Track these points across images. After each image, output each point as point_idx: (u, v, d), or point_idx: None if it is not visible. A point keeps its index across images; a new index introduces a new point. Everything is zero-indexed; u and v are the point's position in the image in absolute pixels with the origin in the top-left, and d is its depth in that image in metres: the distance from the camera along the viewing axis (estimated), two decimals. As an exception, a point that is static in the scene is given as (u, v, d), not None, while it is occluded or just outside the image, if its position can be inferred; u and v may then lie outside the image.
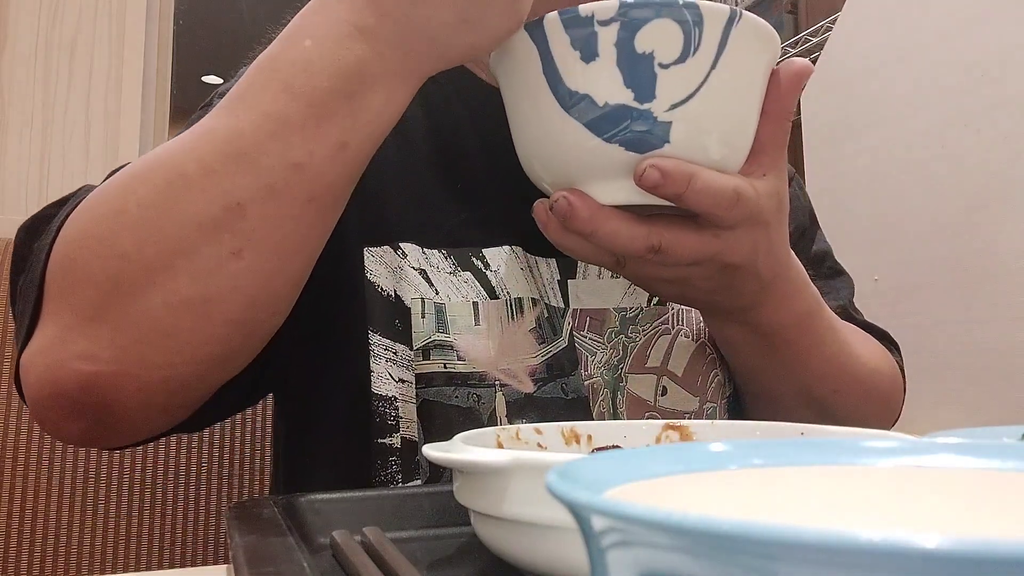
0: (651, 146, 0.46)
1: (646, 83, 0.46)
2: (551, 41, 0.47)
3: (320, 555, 0.40)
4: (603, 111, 0.46)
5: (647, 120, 0.46)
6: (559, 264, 0.65)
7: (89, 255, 0.45)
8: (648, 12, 0.45)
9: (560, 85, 0.47)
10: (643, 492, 0.19)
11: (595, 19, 0.46)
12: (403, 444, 0.59)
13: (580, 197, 0.48)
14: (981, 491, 0.21)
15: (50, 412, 0.48)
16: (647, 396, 0.65)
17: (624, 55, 0.46)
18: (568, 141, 0.47)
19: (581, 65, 0.46)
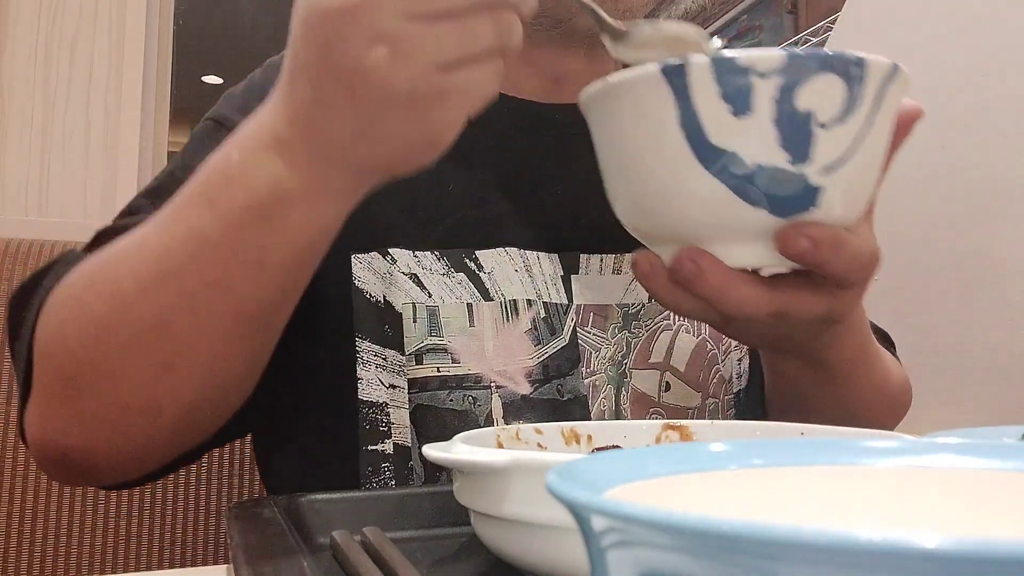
0: (798, 210, 0.43)
1: (802, 144, 0.41)
2: (695, 89, 0.41)
3: (320, 555, 0.40)
4: (751, 172, 0.41)
5: (799, 184, 0.42)
6: (561, 260, 0.65)
7: (54, 350, 0.50)
8: (814, 66, 0.41)
9: (701, 139, 0.42)
10: (643, 492, 0.19)
11: (754, 70, 0.40)
12: (395, 450, 0.59)
13: (710, 261, 0.44)
14: (981, 491, 0.21)
15: (45, 465, 0.55)
16: (651, 392, 0.65)
17: (783, 112, 0.41)
18: (702, 200, 0.43)
19: (730, 120, 0.41)
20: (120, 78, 1.52)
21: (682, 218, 0.44)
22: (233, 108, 0.64)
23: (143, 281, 0.46)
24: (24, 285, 0.55)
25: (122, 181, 1.50)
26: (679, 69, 0.41)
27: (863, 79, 0.42)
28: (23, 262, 0.87)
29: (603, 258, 0.66)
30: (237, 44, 4.75)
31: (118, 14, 1.53)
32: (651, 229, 0.47)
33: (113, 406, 0.49)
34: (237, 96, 0.65)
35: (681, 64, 0.41)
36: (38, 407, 0.52)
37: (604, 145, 0.47)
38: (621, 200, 0.48)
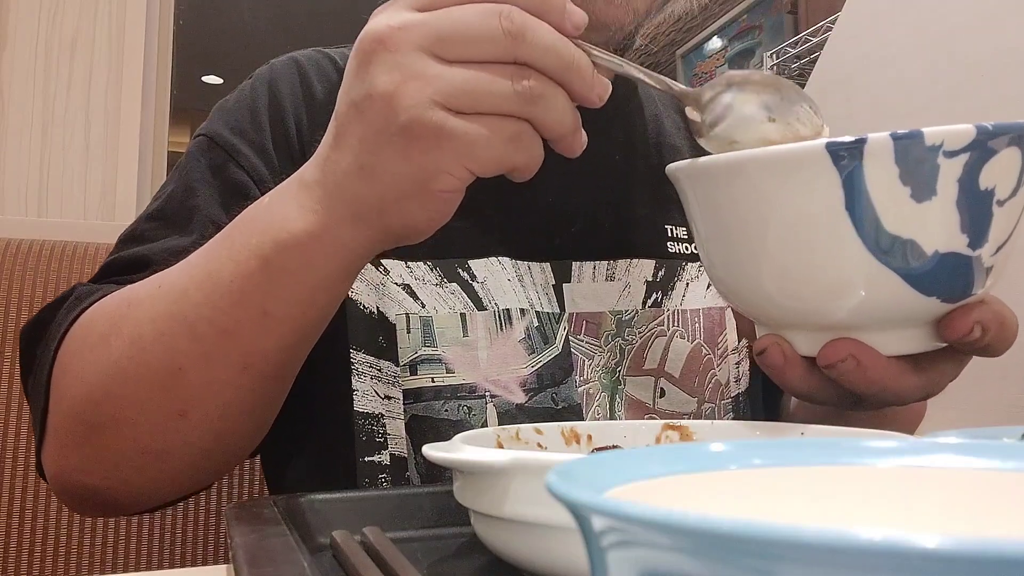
0: (967, 294, 0.40)
1: (982, 225, 0.38)
2: (870, 172, 0.36)
3: (320, 555, 0.40)
4: (929, 261, 0.38)
5: (974, 268, 0.39)
6: (553, 268, 0.64)
7: (73, 392, 0.50)
8: (1004, 139, 0.37)
9: (873, 226, 0.37)
10: (643, 492, 0.19)
11: (942, 149, 0.36)
12: (392, 461, 0.59)
13: (870, 355, 0.41)
14: (981, 491, 0.21)
15: (65, 497, 0.56)
16: (645, 398, 0.65)
17: (966, 193, 0.37)
18: (867, 289, 0.39)
19: (910, 205, 0.37)
20: (120, 78, 1.52)
21: (838, 306, 0.40)
22: (224, 124, 0.63)
23: (160, 325, 0.47)
24: (35, 321, 0.55)
25: (122, 181, 1.50)
26: (852, 149, 0.36)
27: None
28: (23, 262, 0.87)
29: (596, 265, 0.65)
30: (237, 44, 4.75)
31: (118, 14, 1.53)
32: (787, 317, 0.43)
33: (130, 449, 0.50)
34: (228, 111, 0.65)
35: (855, 142, 0.36)
36: (57, 446, 0.52)
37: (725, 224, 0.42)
38: (744, 284, 0.43)
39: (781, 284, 0.41)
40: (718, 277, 0.46)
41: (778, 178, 0.39)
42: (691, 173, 0.43)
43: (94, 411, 0.49)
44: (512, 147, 0.40)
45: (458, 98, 0.38)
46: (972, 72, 1.18)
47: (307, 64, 0.67)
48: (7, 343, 0.84)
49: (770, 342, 0.44)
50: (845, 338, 0.41)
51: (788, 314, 0.43)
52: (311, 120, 0.64)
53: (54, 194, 1.45)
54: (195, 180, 0.61)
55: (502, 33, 0.38)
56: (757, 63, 3.03)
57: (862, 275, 0.39)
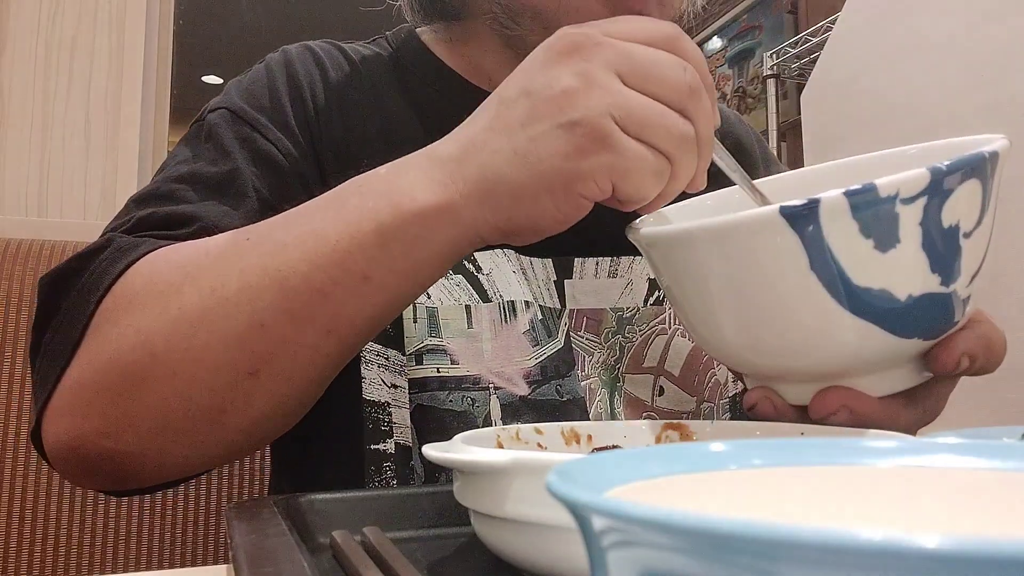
0: (948, 328, 0.40)
1: (952, 261, 0.38)
2: (828, 230, 0.36)
3: (320, 555, 0.40)
4: (903, 305, 0.38)
5: (950, 303, 0.39)
6: (555, 264, 0.65)
7: (123, 344, 0.47)
8: (958, 176, 0.37)
9: (842, 282, 0.37)
10: (643, 492, 0.19)
11: (898, 198, 0.36)
12: (397, 449, 0.59)
13: (863, 402, 0.42)
14: (981, 491, 0.21)
15: (69, 467, 0.51)
16: (644, 396, 0.65)
17: (930, 235, 0.37)
18: (846, 342, 0.39)
19: (876, 256, 0.37)
20: (120, 78, 1.52)
21: (820, 361, 0.40)
22: (244, 100, 0.63)
23: (248, 277, 0.46)
24: (61, 271, 0.52)
25: (122, 181, 1.50)
26: (807, 212, 0.36)
27: (993, 172, 0.39)
28: (23, 262, 0.87)
29: (598, 261, 0.66)
30: (237, 44, 4.75)
31: (118, 14, 1.53)
32: (772, 372, 0.43)
33: (181, 409, 0.47)
34: (245, 89, 0.65)
35: (808, 205, 0.36)
36: (78, 405, 0.48)
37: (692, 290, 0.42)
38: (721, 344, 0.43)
39: (760, 344, 0.41)
40: (698, 334, 0.45)
41: (740, 246, 0.39)
42: (644, 240, 0.44)
43: (150, 365, 0.46)
44: (652, 181, 0.42)
45: (632, 119, 0.40)
46: (972, 72, 1.18)
47: (320, 51, 0.69)
48: (7, 343, 0.84)
49: (759, 396, 0.45)
50: (835, 387, 0.42)
51: (772, 370, 0.43)
52: (327, 101, 0.65)
53: (54, 194, 1.45)
54: (228, 146, 0.60)
55: (684, 83, 0.41)
56: (757, 63, 3.03)
57: (839, 330, 0.38)
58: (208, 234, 0.52)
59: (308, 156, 0.62)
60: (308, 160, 0.62)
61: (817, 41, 2.25)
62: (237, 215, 0.55)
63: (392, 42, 0.72)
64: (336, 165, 0.63)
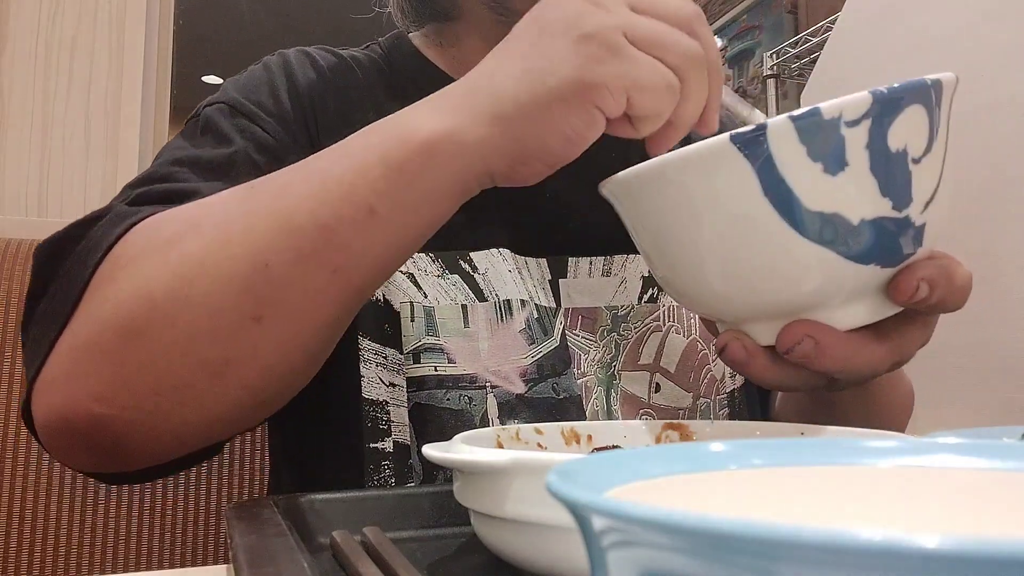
0: (906, 255, 0.41)
1: (902, 186, 0.39)
2: (778, 156, 0.37)
3: (320, 555, 0.40)
4: (857, 230, 0.38)
5: (905, 228, 0.39)
6: (549, 264, 0.65)
7: (121, 297, 0.45)
8: (899, 101, 0.38)
9: (795, 208, 0.38)
10: (643, 492, 0.19)
11: (842, 120, 0.37)
12: (395, 448, 0.59)
13: (826, 332, 0.42)
14: (981, 491, 0.21)
15: (59, 441, 0.48)
16: (641, 394, 0.65)
17: (877, 158, 0.38)
18: (806, 269, 0.40)
19: (825, 179, 0.38)
20: (120, 78, 1.51)
21: (783, 293, 0.41)
22: (241, 95, 0.63)
23: (252, 220, 0.45)
24: (58, 238, 0.51)
25: (122, 181, 1.49)
26: (755, 137, 0.37)
27: (940, 101, 0.39)
28: (23, 262, 0.87)
29: (592, 260, 0.66)
30: (237, 44, 4.75)
31: (118, 14, 1.53)
32: (740, 311, 0.43)
33: (181, 362, 0.45)
34: (243, 86, 0.65)
35: (756, 130, 0.37)
36: (73, 372, 0.46)
37: (661, 231, 0.43)
38: (692, 287, 0.43)
39: (724, 280, 0.42)
40: (666, 281, 0.46)
41: (696, 176, 0.40)
42: (616, 187, 0.44)
43: (148, 316, 0.44)
44: (668, 96, 0.42)
45: (642, 36, 0.41)
46: (972, 72, 1.18)
47: (316, 55, 0.69)
48: (7, 343, 0.84)
49: (729, 338, 0.44)
50: (800, 320, 0.42)
51: (740, 308, 0.43)
52: (324, 102, 0.65)
53: (54, 194, 1.45)
54: (226, 132, 0.60)
55: (690, 9, 0.43)
56: (757, 63, 3.03)
57: (797, 258, 0.39)
58: None
59: (306, 150, 0.62)
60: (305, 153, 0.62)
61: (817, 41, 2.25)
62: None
63: (384, 47, 0.73)
64: None
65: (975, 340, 1.17)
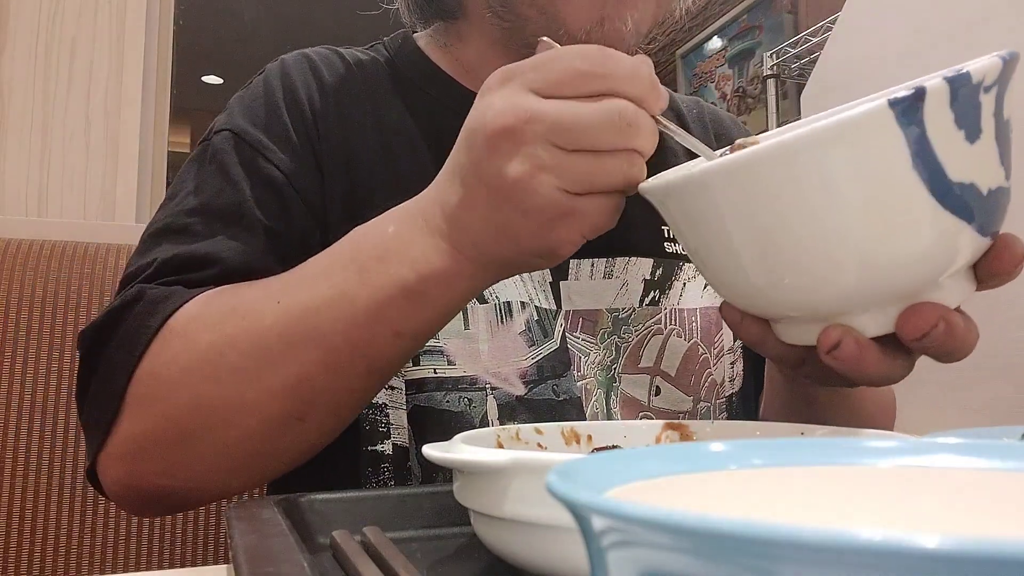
0: (1000, 226, 0.39)
1: (1008, 154, 0.38)
2: (931, 122, 0.35)
3: (320, 555, 0.40)
4: (986, 200, 0.37)
5: (1007, 198, 0.39)
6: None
7: (178, 402, 0.51)
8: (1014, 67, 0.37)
9: (941, 179, 0.36)
10: (643, 492, 0.19)
11: (983, 85, 0.35)
12: (394, 450, 0.59)
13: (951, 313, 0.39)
14: (981, 491, 0.21)
15: (130, 503, 0.56)
16: (641, 396, 0.65)
17: (999, 126, 0.37)
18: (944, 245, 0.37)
19: (966, 148, 0.36)
20: (120, 78, 1.51)
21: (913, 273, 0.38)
22: (245, 119, 0.64)
23: (290, 338, 0.50)
24: (100, 325, 0.55)
25: (122, 181, 1.49)
26: (915, 100, 0.34)
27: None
28: (23, 262, 0.87)
29: (594, 263, 0.66)
30: (237, 44, 4.75)
31: (118, 14, 1.53)
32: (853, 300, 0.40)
33: (236, 452, 0.52)
34: (247, 106, 0.66)
35: (916, 93, 0.34)
36: (133, 451, 0.52)
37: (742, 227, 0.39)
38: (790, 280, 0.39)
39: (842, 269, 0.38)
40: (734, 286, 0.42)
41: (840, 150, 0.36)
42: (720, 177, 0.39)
43: (206, 423, 0.51)
44: (615, 214, 0.46)
45: (580, 185, 0.43)
46: (972, 72, 1.18)
47: (316, 57, 0.70)
48: (7, 343, 0.84)
49: (841, 333, 0.40)
50: (925, 303, 0.39)
51: (854, 298, 0.39)
52: (324, 107, 0.66)
53: (54, 194, 1.45)
54: (234, 175, 0.62)
55: (614, 129, 0.43)
56: (757, 63, 3.03)
57: (935, 232, 0.37)
58: (229, 276, 0.56)
59: (309, 164, 0.63)
60: (309, 169, 0.63)
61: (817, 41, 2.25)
62: (251, 250, 0.58)
63: (388, 47, 0.73)
64: (336, 167, 0.63)
65: (975, 340, 1.17)
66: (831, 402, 0.60)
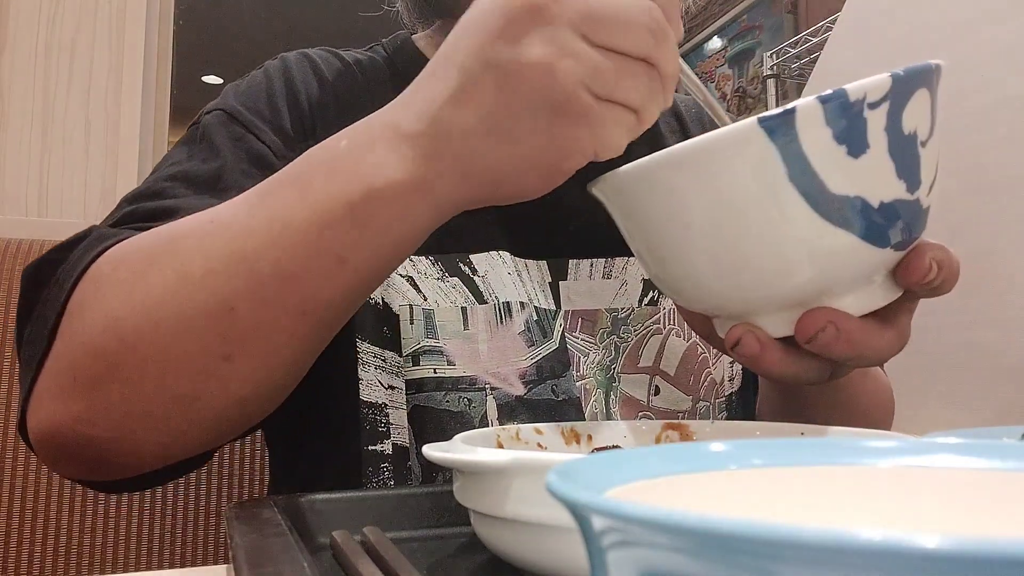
0: (915, 239, 0.41)
1: (913, 168, 0.39)
2: (805, 138, 0.37)
3: (320, 555, 0.40)
4: (877, 213, 0.39)
5: (916, 211, 0.40)
6: (550, 266, 0.65)
7: (94, 330, 0.46)
8: (913, 83, 0.38)
9: (820, 192, 0.38)
10: (643, 492, 0.19)
11: (866, 102, 0.37)
12: (394, 450, 0.59)
13: (846, 319, 0.41)
14: (981, 491, 0.21)
15: (50, 454, 0.50)
16: (640, 396, 0.65)
17: (894, 140, 0.38)
18: (828, 255, 0.39)
19: (848, 162, 0.37)
20: (120, 78, 1.51)
21: (801, 281, 0.40)
22: (239, 102, 0.64)
23: (213, 261, 0.44)
24: (42, 261, 0.52)
25: (122, 181, 1.49)
26: (785, 118, 0.37)
27: (938, 86, 0.40)
28: (23, 262, 0.87)
29: (593, 263, 0.66)
30: (237, 44, 4.75)
31: (118, 14, 1.53)
32: (752, 303, 0.42)
33: (155, 395, 0.46)
34: (242, 93, 0.65)
35: (786, 112, 0.37)
36: (57, 393, 0.48)
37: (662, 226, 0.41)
38: (701, 283, 0.42)
39: (739, 274, 0.41)
40: (666, 282, 0.45)
41: (717, 163, 0.38)
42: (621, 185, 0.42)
43: (119, 352, 0.45)
44: (626, 137, 0.41)
45: (604, 85, 0.39)
46: (972, 72, 1.19)
47: (317, 58, 0.70)
48: (7, 343, 0.84)
49: (743, 331, 0.43)
50: (819, 308, 0.41)
51: (753, 302, 0.42)
52: (324, 106, 0.66)
53: (54, 194, 1.45)
54: (219, 145, 0.60)
55: (648, 31, 0.39)
56: (757, 63, 3.03)
57: (818, 243, 0.39)
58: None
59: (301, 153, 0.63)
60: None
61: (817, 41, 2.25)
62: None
63: (388, 48, 0.73)
64: None
65: (975, 340, 1.17)
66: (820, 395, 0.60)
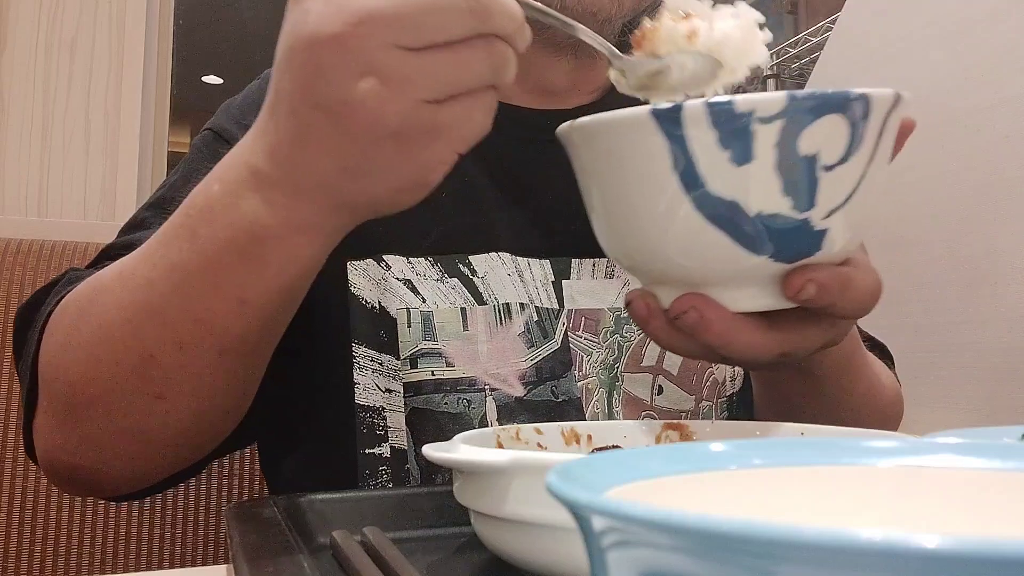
0: (802, 255, 0.41)
1: (806, 189, 0.39)
2: (691, 137, 0.38)
3: (320, 555, 0.40)
4: (752, 221, 0.39)
5: (802, 230, 0.40)
6: (552, 265, 0.65)
7: (53, 374, 0.51)
8: (817, 109, 0.38)
9: (699, 189, 0.39)
10: (643, 492, 0.19)
11: (755, 115, 0.38)
12: (392, 453, 0.59)
13: (714, 310, 0.42)
14: (981, 491, 0.21)
15: (54, 478, 0.56)
16: (643, 395, 0.65)
17: (785, 158, 0.38)
18: (702, 248, 0.41)
19: (730, 168, 0.38)
20: (120, 78, 1.51)
21: (680, 264, 0.42)
22: (231, 120, 0.65)
23: (127, 313, 0.47)
24: (29, 303, 0.56)
25: (122, 181, 1.49)
26: (673, 114, 0.38)
27: (867, 115, 0.39)
28: (23, 262, 0.87)
29: (596, 262, 0.66)
30: (237, 44, 4.75)
31: (118, 14, 1.53)
32: (645, 270, 0.45)
33: (107, 430, 0.50)
34: (235, 108, 0.66)
35: (674, 108, 0.38)
36: (44, 426, 0.53)
37: (591, 181, 0.44)
38: (609, 237, 0.45)
39: (633, 242, 0.43)
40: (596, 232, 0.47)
41: (614, 142, 0.41)
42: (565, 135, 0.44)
43: (72, 393, 0.50)
44: (488, 115, 0.40)
45: (440, 89, 0.37)
46: (972, 72, 1.19)
47: None
48: (7, 343, 0.84)
49: (636, 295, 0.45)
50: (693, 293, 0.42)
51: (647, 269, 0.45)
52: None
53: (54, 194, 1.44)
54: (195, 170, 0.61)
55: (466, 9, 0.36)
56: (757, 63, 3.03)
57: (695, 235, 0.40)
58: None
59: None
60: None
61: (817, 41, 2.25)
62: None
63: None
64: None
65: (975, 340, 1.17)
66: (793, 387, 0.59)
